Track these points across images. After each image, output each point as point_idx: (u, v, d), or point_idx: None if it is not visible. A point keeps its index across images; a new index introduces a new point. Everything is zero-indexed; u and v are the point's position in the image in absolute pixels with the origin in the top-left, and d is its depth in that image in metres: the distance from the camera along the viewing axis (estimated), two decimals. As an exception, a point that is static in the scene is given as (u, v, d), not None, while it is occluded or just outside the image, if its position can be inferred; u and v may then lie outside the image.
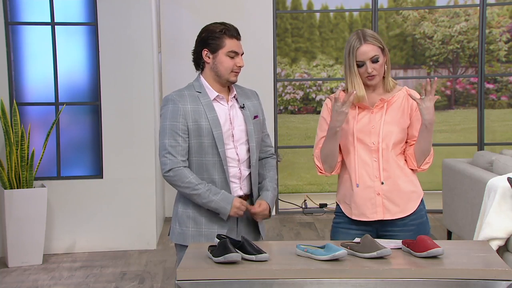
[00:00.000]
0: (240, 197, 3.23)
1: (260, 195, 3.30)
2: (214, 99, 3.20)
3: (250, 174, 3.26)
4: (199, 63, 3.24)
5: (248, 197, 3.28)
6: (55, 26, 6.05)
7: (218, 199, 3.11)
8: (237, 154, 3.20)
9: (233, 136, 3.20)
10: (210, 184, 3.15)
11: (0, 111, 5.67)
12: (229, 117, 3.21)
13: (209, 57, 3.18)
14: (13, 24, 5.99)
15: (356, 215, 3.19)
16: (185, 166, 3.15)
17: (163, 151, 3.16)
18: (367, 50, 3.11)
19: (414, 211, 3.17)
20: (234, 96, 3.26)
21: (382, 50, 3.13)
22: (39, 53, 6.10)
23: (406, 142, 3.18)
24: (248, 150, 3.24)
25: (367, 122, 3.15)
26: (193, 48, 3.24)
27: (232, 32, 3.17)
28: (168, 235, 3.35)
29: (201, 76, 3.25)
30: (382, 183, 3.12)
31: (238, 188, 3.23)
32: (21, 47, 6.06)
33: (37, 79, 6.13)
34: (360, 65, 3.12)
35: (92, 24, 6.09)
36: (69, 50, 6.14)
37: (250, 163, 3.24)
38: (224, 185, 3.18)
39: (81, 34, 6.16)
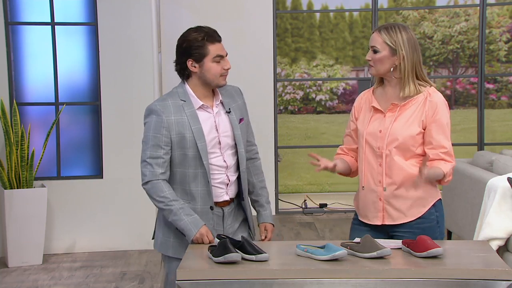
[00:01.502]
0: (225, 201, 3.21)
1: (258, 214, 3.34)
2: (199, 108, 3.15)
3: (238, 178, 3.23)
4: (183, 73, 3.17)
5: (233, 200, 3.25)
6: (55, 26, 6.05)
7: (188, 220, 3.05)
8: (224, 161, 3.17)
9: (219, 143, 3.16)
10: (184, 203, 3.10)
11: (0, 111, 5.67)
12: (215, 124, 3.16)
13: (195, 67, 3.12)
14: (13, 24, 5.99)
15: (361, 216, 3.22)
16: (163, 179, 3.11)
17: (143, 162, 3.14)
18: (373, 38, 3.12)
19: (421, 216, 3.11)
20: (220, 102, 3.21)
21: (392, 49, 3.07)
22: (39, 53, 6.09)
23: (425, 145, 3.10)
24: (235, 154, 3.20)
25: (377, 126, 3.13)
26: (174, 59, 3.18)
27: (213, 36, 3.11)
28: (152, 238, 3.30)
29: (185, 83, 3.18)
30: (385, 189, 3.11)
31: (224, 193, 3.20)
32: (21, 47, 6.05)
33: (37, 79, 6.13)
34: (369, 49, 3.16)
35: (92, 24, 6.08)
36: (69, 50, 6.13)
37: (238, 168, 3.21)
38: (205, 196, 3.14)
39: (81, 34, 6.16)
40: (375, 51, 3.10)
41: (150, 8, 6.14)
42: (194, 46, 3.09)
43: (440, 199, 3.16)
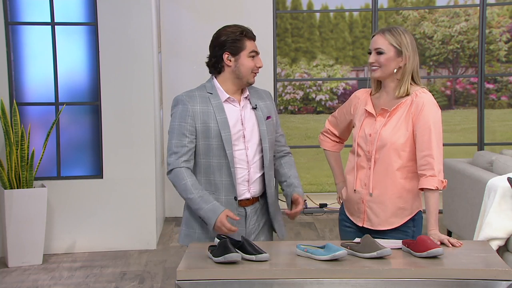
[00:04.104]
0: (247, 200, 3.21)
1: (292, 191, 3.32)
2: (225, 100, 3.18)
3: (262, 176, 3.23)
4: (216, 66, 3.20)
5: (258, 199, 3.26)
6: (55, 26, 6.05)
7: (207, 208, 3.07)
8: (247, 155, 3.18)
9: (244, 137, 3.18)
10: (205, 191, 3.12)
11: (0, 111, 5.67)
12: (241, 117, 3.19)
13: (230, 60, 3.16)
14: (13, 24, 5.99)
15: (348, 212, 3.27)
16: (186, 167, 3.13)
17: (169, 151, 3.18)
18: (376, 40, 3.10)
19: (398, 227, 3.12)
20: (246, 97, 3.24)
21: (398, 50, 3.05)
22: (39, 53, 6.09)
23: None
24: (260, 151, 3.21)
25: (368, 129, 3.13)
26: (208, 54, 3.22)
27: (250, 33, 3.19)
28: None
29: (214, 78, 3.23)
30: (370, 194, 3.12)
31: (246, 190, 3.20)
32: (21, 47, 6.05)
33: (37, 79, 6.13)
34: (369, 53, 3.14)
35: (92, 24, 6.09)
36: (69, 50, 6.13)
37: (262, 164, 3.22)
38: (230, 187, 3.16)
39: (81, 34, 6.16)
40: (380, 53, 3.07)
41: (150, 8, 6.14)
42: (232, 40, 3.15)
43: (420, 210, 3.14)
